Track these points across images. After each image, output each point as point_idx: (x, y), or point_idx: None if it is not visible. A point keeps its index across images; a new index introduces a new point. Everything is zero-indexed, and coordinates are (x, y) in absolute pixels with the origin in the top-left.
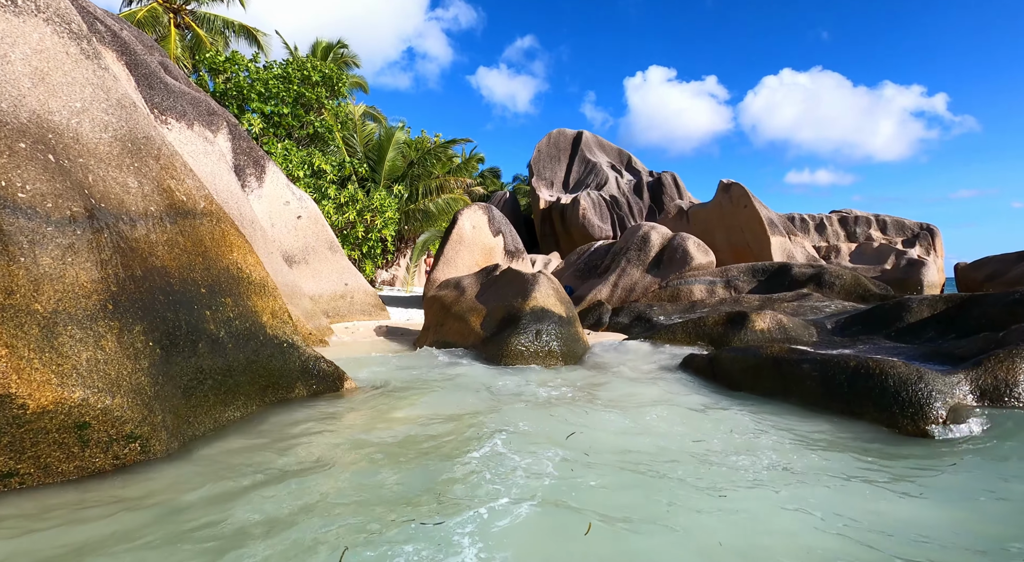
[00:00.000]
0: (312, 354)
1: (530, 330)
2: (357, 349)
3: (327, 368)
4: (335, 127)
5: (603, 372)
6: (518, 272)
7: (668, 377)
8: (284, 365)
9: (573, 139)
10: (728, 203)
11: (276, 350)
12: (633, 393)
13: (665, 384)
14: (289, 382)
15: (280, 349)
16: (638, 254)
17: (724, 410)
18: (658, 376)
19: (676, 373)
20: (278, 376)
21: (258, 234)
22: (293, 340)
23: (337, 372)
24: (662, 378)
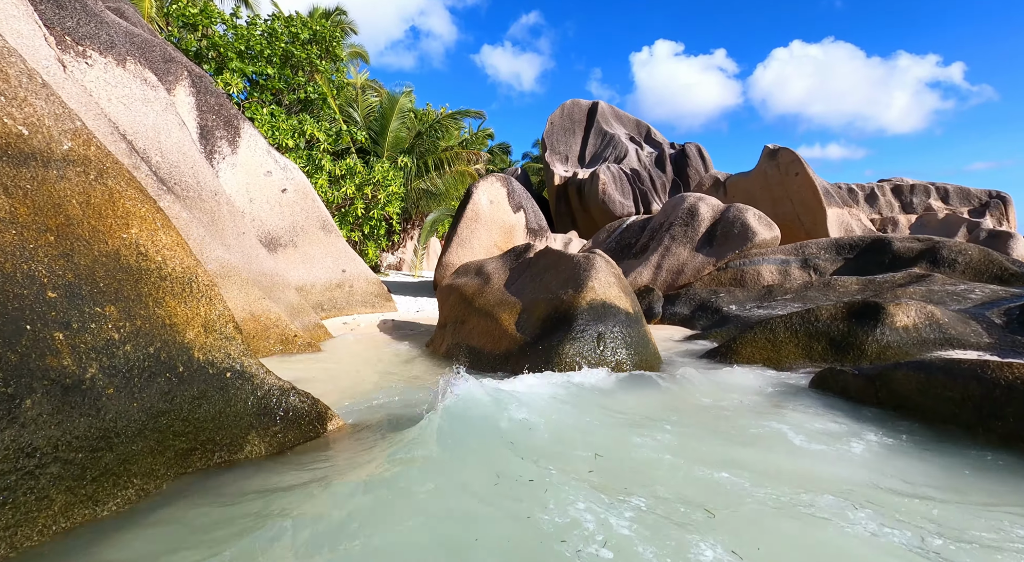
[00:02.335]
0: (275, 385)
1: (589, 334)
2: (354, 356)
3: (300, 405)
4: (330, 93)
5: (703, 395)
6: (562, 253)
7: (806, 405)
8: (225, 409)
9: (588, 110)
10: (774, 171)
11: (209, 386)
12: (795, 450)
13: (816, 422)
14: (235, 434)
15: (217, 384)
16: (684, 230)
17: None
18: (789, 403)
19: (810, 396)
20: (213, 428)
21: (223, 209)
22: (242, 366)
23: (315, 409)
24: (798, 407)
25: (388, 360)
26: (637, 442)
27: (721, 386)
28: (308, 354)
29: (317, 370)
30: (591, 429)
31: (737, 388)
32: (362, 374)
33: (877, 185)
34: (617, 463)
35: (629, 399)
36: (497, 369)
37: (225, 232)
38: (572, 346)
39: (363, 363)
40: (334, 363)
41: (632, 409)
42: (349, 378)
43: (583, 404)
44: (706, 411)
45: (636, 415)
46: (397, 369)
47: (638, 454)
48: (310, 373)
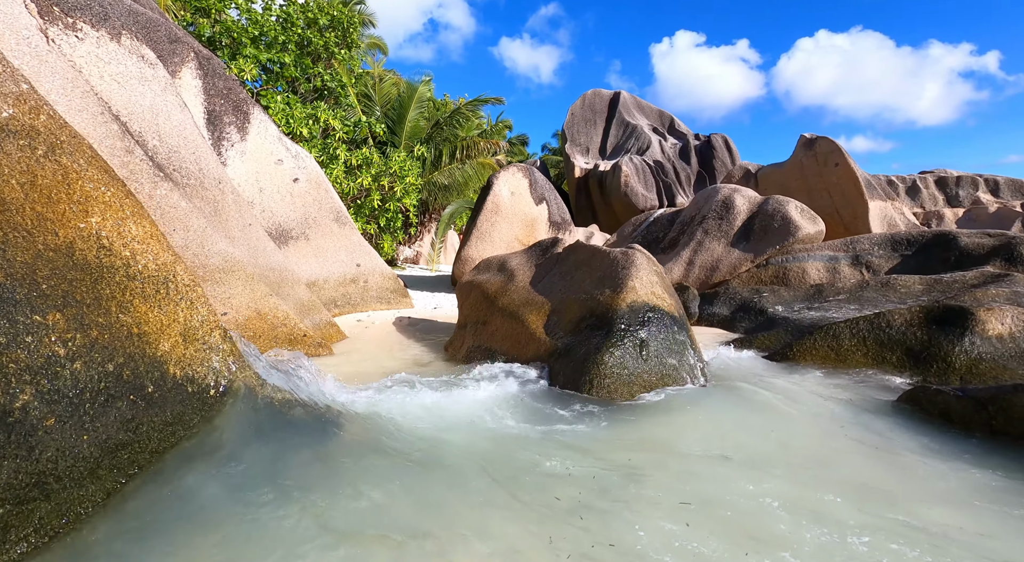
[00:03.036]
0: (271, 397)
1: (630, 340)
2: (368, 360)
3: (305, 416)
4: (348, 81)
5: (770, 413)
6: (596, 248)
7: (898, 429)
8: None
9: (610, 100)
10: (811, 161)
11: (188, 408)
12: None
13: (939, 460)
14: None
15: (198, 404)
16: (719, 223)
17: None
18: (874, 425)
19: (904, 419)
20: None
21: (228, 199)
22: (231, 380)
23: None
24: (887, 433)
25: (403, 364)
26: (749, 491)
27: (795, 403)
28: (317, 358)
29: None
30: (689, 473)
31: (815, 406)
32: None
33: (919, 177)
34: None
35: (702, 426)
36: (521, 378)
37: (229, 223)
38: (612, 354)
39: (377, 368)
40: (349, 366)
41: (711, 441)
42: (359, 382)
43: (656, 442)
44: (794, 444)
45: (719, 450)
46: (412, 379)
47: (757, 510)
48: None
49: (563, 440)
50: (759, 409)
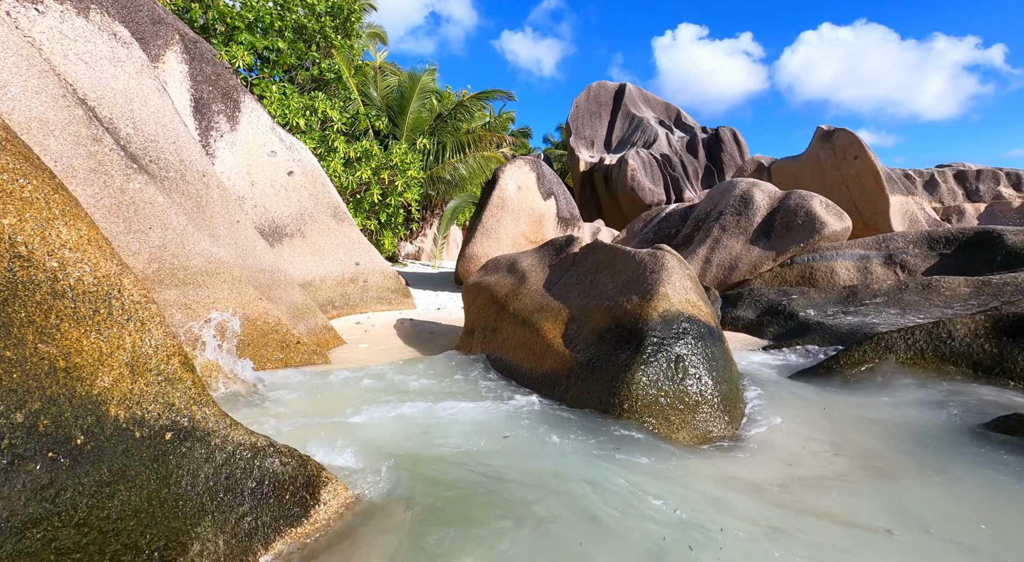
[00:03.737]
0: (244, 443)
1: (665, 356)
2: (363, 371)
3: (282, 469)
4: (347, 72)
5: (843, 447)
6: (619, 249)
7: (998, 464)
8: (159, 491)
9: (615, 93)
10: (829, 154)
11: (133, 459)
12: None
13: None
14: (174, 530)
15: (148, 453)
16: (737, 220)
17: None
18: (974, 460)
19: (990, 442)
20: (137, 528)
21: (213, 193)
22: (193, 420)
23: (304, 473)
24: (999, 472)
25: (401, 376)
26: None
27: (867, 432)
28: (311, 367)
29: (309, 395)
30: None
31: (889, 430)
32: (369, 402)
33: (937, 171)
34: None
35: (761, 468)
36: (542, 394)
37: (214, 220)
38: (644, 372)
39: (371, 382)
40: (340, 376)
41: (786, 487)
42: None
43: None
44: (908, 501)
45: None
46: (413, 392)
47: None
48: (307, 396)
49: (601, 479)
50: (825, 441)
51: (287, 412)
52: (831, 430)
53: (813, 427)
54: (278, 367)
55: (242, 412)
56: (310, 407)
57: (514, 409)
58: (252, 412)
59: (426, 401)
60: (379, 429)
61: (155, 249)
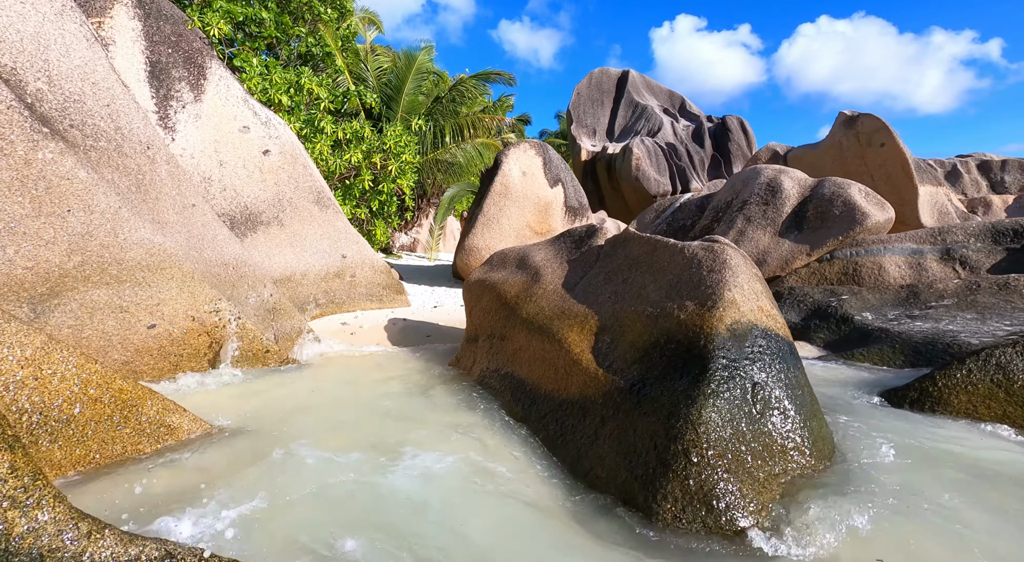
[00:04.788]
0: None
1: (739, 383)
2: (345, 385)
3: None
4: (335, 47)
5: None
6: (659, 241)
7: None
8: None
9: (618, 80)
10: (852, 142)
11: None
12: None
13: None
14: None
15: None
16: (763, 210)
17: None
18: None
19: None
20: None
21: (160, 170)
22: (5, 530)
23: None
24: None
25: (393, 393)
26: None
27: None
28: (281, 377)
29: (273, 419)
30: None
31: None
32: (347, 430)
33: (960, 160)
34: None
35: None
36: (567, 425)
37: (161, 203)
38: (715, 407)
39: (353, 401)
40: (318, 397)
41: None
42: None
43: None
44: None
45: None
46: (406, 415)
47: None
48: (261, 426)
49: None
50: (968, 512)
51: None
52: (967, 491)
53: (937, 484)
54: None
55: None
56: (173, 483)
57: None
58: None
59: (384, 457)
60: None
61: (77, 237)
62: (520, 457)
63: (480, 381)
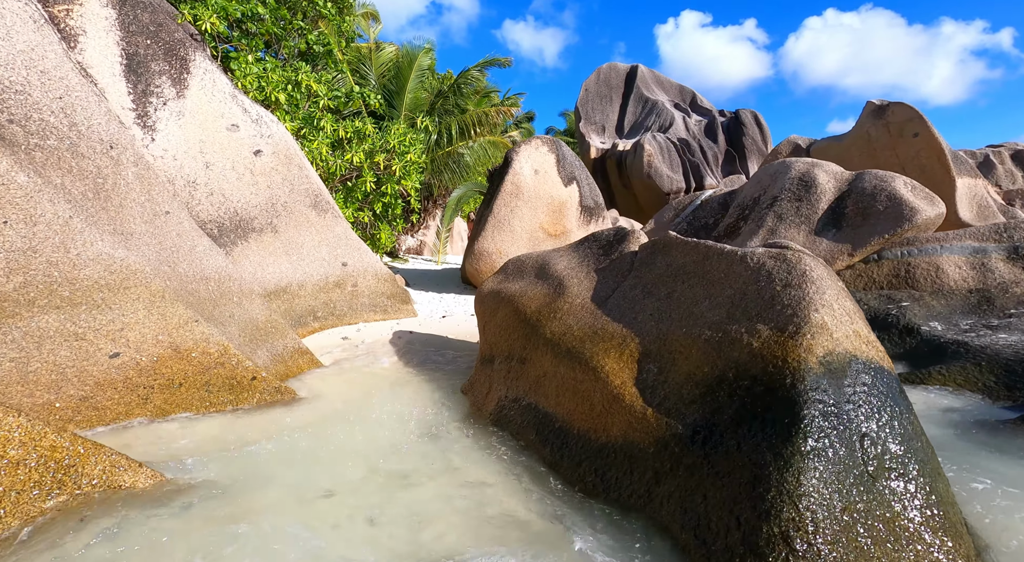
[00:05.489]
0: None
1: (840, 437)
2: (339, 420)
3: None
4: (336, 45)
5: None
6: (711, 246)
7: None
8: None
9: (626, 75)
10: (881, 132)
11: None
12: None
13: None
14: None
15: None
16: (796, 206)
17: None
18: None
19: None
20: None
21: (127, 174)
22: None
23: None
24: None
25: (396, 438)
26: None
27: None
28: (271, 409)
29: (248, 475)
30: None
31: None
32: (335, 501)
33: (992, 151)
34: None
35: None
36: (610, 479)
37: (126, 211)
38: (816, 473)
39: (348, 451)
40: (306, 441)
41: None
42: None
43: None
44: None
45: None
46: (411, 473)
47: None
48: (233, 483)
49: None
50: None
51: None
52: None
53: None
54: (225, 409)
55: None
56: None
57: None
58: None
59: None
60: None
61: (16, 254)
62: (562, 532)
63: (498, 414)
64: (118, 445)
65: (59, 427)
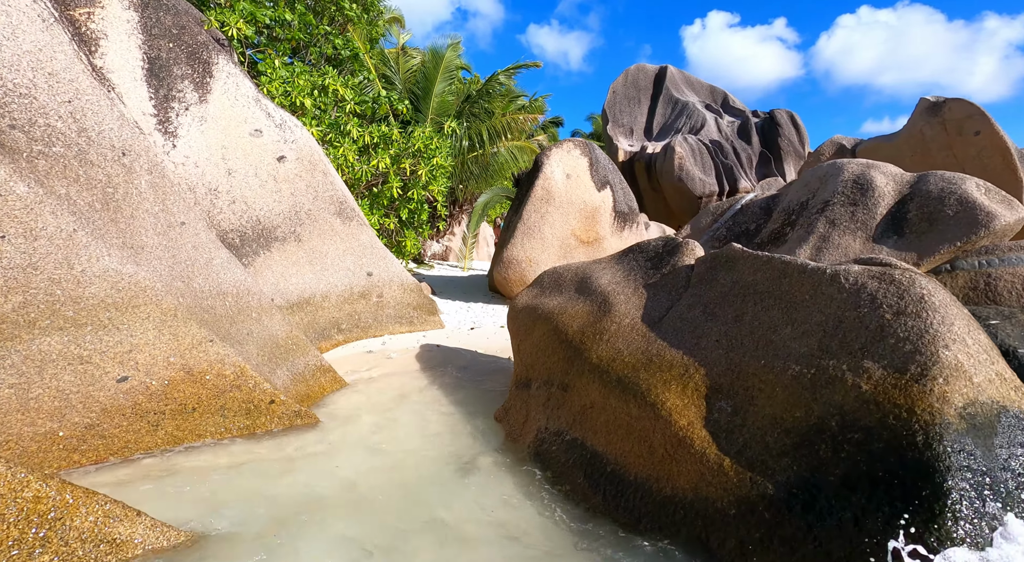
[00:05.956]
0: None
1: (992, 520)
2: (362, 448)
3: None
4: (364, 49)
5: None
6: (793, 262)
7: None
8: None
9: (655, 76)
10: (937, 131)
11: None
12: None
13: None
14: None
15: None
16: (851, 211)
17: None
18: None
19: None
20: None
21: (140, 182)
22: None
23: None
24: None
25: (424, 476)
26: None
27: None
28: (288, 434)
29: (263, 522)
30: None
31: None
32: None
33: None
34: None
35: None
36: (678, 543)
37: (137, 222)
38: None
39: (372, 494)
40: (323, 481)
41: None
42: None
43: None
44: None
45: None
46: (440, 524)
47: None
48: (244, 533)
49: None
50: None
51: None
52: None
53: None
54: (241, 436)
55: None
56: None
57: None
58: None
59: None
60: None
61: (14, 271)
62: None
63: (537, 448)
64: (121, 481)
65: (62, 457)
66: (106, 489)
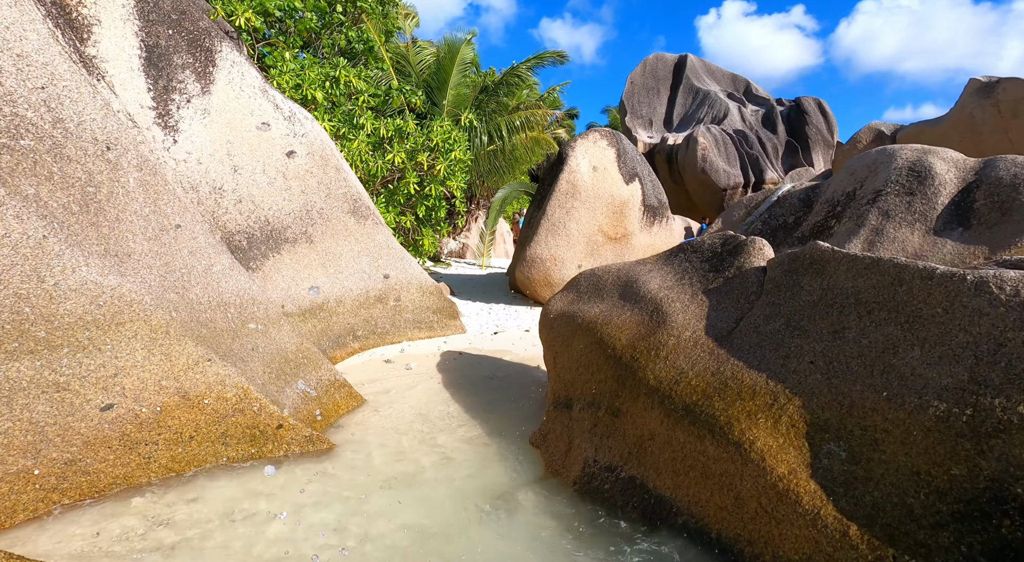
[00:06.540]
0: None
1: None
2: (379, 484)
3: None
4: (378, 40)
5: None
6: (907, 266)
7: None
8: None
9: (675, 65)
10: (990, 113)
11: None
12: None
13: None
14: None
15: None
16: (907, 201)
17: None
18: None
19: None
20: None
21: (127, 180)
22: None
23: None
24: None
25: (453, 512)
26: None
27: None
28: (300, 462)
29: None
30: None
31: None
32: None
33: None
34: None
35: None
36: None
37: (123, 226)
38: None
39: (396, 533)
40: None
41: None
42: None
43: None
44: None
45: None
46: None
47: None
48: None
49: None
50: None
51: None
52: None
53: None
54: (248, 459)
55: None
56: None
57: None
58: None
59: None
60: None
61: None
62: None
63: (586, 485)
64: (99, 531)
65: (39, 498)
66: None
